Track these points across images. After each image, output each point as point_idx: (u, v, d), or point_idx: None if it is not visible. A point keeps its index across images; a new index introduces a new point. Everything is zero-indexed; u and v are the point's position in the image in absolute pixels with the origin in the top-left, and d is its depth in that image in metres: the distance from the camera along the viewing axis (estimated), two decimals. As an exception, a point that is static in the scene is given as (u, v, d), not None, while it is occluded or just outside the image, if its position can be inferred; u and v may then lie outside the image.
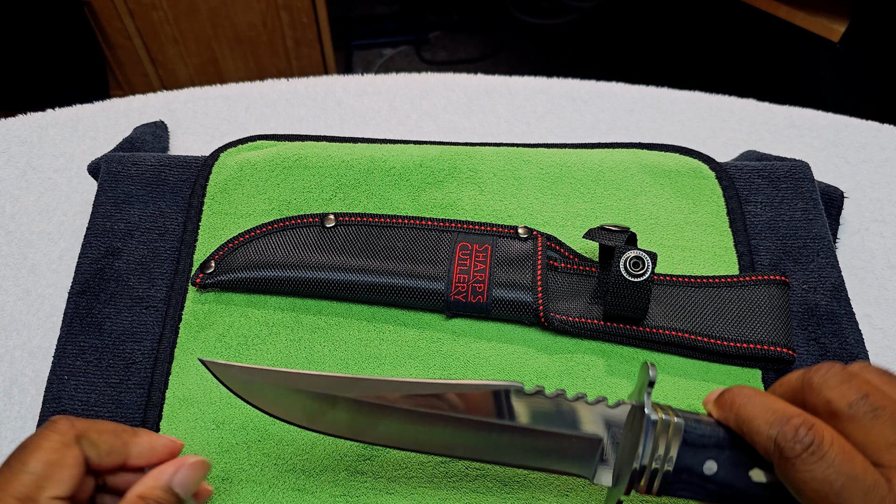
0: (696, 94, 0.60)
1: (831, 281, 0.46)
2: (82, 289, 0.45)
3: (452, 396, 0.33)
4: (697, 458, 0.31)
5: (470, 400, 0.33)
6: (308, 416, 0.33)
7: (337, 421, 0.33)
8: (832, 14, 1.06)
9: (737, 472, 0.31)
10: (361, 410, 0.33)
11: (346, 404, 0.33)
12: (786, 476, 0.28)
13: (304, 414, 0.33)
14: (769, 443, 0.28)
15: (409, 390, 0.33)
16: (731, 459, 0.31)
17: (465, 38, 1.67)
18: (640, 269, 0.41)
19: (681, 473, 0.31)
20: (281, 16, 1.22)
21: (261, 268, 0.44)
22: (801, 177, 0.49)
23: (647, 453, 0.31)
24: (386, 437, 0.33)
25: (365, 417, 0.33)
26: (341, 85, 0.61)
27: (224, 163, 0.50)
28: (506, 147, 0.51)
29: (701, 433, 0.31)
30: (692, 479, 0.31)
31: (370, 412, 0.33)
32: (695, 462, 0.31)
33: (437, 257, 0.44)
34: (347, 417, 0.33)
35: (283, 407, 0.33)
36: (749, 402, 0.30)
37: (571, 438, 0.33)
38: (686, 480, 0.31)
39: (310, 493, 0.39)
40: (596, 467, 0.33)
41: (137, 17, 1.19)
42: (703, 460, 0.31)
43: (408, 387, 0.33)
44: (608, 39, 1.64)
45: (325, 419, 0.33)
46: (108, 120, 0.59)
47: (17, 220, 0.53)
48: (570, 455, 0.33)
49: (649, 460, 0.31)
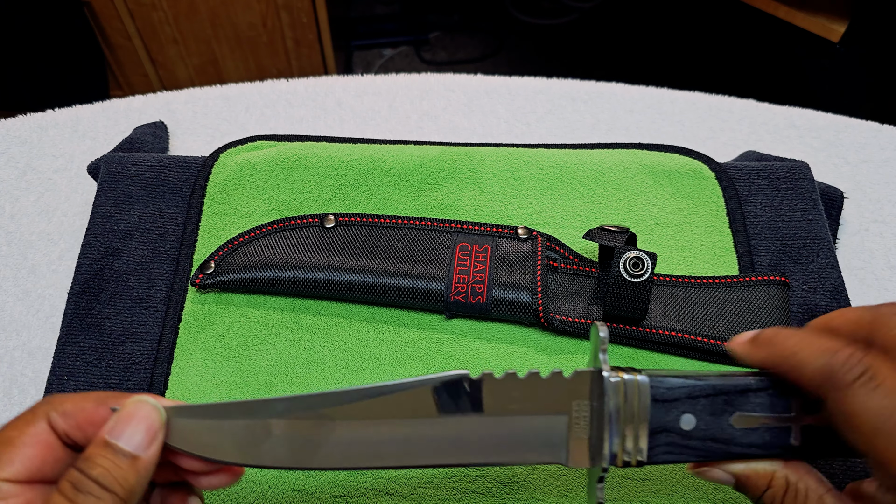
0: (695, 95, 0.60)
1: (831, 282, 0.46)
2: (82, 289, 0.45)
3: (398, 398, 0.29)
4: (672, 414, 0.29)
5: (417, 398, 0.30)
6: (241, 450, 0.29)
7: (276, 449, 0.29)
8: (832, 14, 1.06)
9: (718, 422, 0.29)
10: (299, 432, 0.29)
11: (280, 428, 0.29)
12: (837, 408, 0.26)
13: (236, 448, 0.29)
14: (818, 374, 0.27)
15: (347, 399, 0.29)
16: (709, 409, 0.29)
17: (465, 38, 1.67)
18: (640, 269, 0.41)
19: (658, 435, 0.29)
20: (281, 16, 1.22)
21: (261, 268, 0.44)
22: (801, 177, 0.49)
23: (617, 420, 0.29)
24: (330, 459, 0.30)
25: (304, 439, 0.29)
26: (341, 85, 0.61)
27: (224, 163, 0.50)
28: (506, 147, 0.51)
29: (669, 385, 0.29)
30: (672, 438, 0.29)
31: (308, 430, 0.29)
32: (670, 419, 0.29)
33: (437, 258, 0.44)
34: (285, 443, 0.29)
35: (212, 446, 0.29)
36: (794, 335, 0.29)
37: (532, 420, 0.30)
38: (666, 442, 0.29)
39: (309, 493, 0.39)
40: (568, 449, 0.30)
41: (137, 18, 1.19)
42: (678, 415, 0.29)
43: (345, 396, 0.29)
44: (608, 40, 1.64)
45: (259, 450, 0.29)
46: (108, 120, 0.59)
47: (17, 221, 0.53)
48: (536, 440, 0.30)
49: (621, 427, 0.29)
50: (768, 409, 0.30)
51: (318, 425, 0.29)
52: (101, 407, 0.29)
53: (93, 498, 0.26)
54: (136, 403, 0.28)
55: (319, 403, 0.30)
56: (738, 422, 0.29)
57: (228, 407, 0.30)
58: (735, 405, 0.29)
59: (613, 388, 0.29)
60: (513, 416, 0.30)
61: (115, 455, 0.27)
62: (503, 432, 0.30)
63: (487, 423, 0.30)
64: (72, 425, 0.29)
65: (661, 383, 0.29)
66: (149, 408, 0.28)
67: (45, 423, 0.29)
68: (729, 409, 0.29)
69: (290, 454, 0.29)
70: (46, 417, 0.29)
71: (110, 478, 0.27)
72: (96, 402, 0.29)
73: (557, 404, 0.30)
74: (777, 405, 0.30)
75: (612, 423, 0.29)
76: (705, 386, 0.30)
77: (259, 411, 0.29)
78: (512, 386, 0.30)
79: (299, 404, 0.30)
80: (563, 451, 0.30)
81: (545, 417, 0.30)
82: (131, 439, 0.27)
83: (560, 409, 0.30)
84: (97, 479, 0.26)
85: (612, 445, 0.29)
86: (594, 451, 0.30)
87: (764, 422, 0.30)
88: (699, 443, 0.29)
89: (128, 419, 0.28)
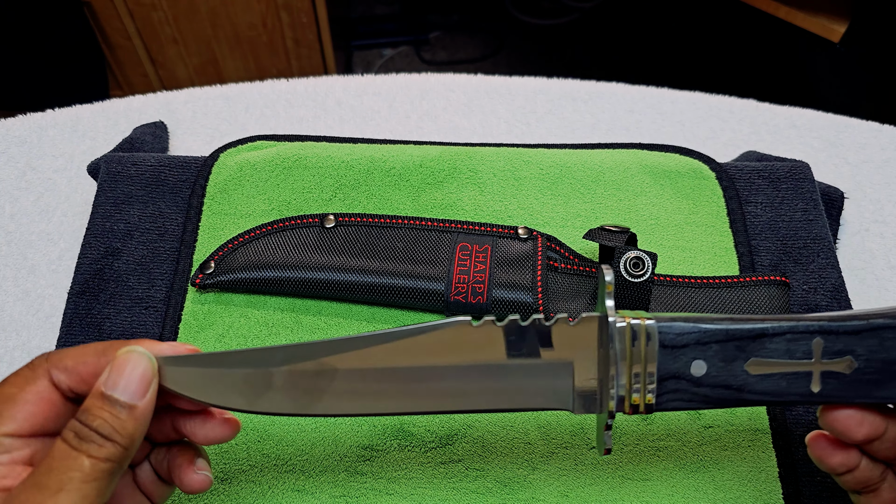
0: (696, 95, 0.60)
1: (831, 282, 0.46)
2: (82, 289, 0.45)
3: (403, 345, 0.29)
4: (681, 361, 0.28)
5: (417, 345, 0.29)
6: (247, 398, 0.30)
7: (278, 397, 0.30)
8: (832, 14, 1.06)
9: (730, 369, 0.28)
10: (301, 380, 0.29)
11: (282, 378, 0.29)
12: None
13: (242, 397, 0.30)
14: None
15: (351, 347, 0.29)
16: (721, 355, 0.28)
17: (465, 38, 1.67)
18: (641, 269, 0.41)
19: (666, 382, 0.28)
20: (281, 16, 1.22)
21: (260, 268, 0.44)
22: (802, 177, 0.49)
23: (624, 366, 0.28)
24: (332, 406, 0.30)
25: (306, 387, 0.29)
26: (341, 85, 0.61)
27: (224, 163, 0.50)
28: (506, 147, 0.51)
29: (678, 331, 0.28)
30: (681, 385, 0.28)
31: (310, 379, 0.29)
32: (679, 365, 0.28)
33: (437, 258, 0.44)
34: (287, 391, 0.29)
35: (220, 394, 0.30)
36: None
37: (538, 366, 0.29)
38: (675, 389, 0.28)
39: (309, 493, 0.39)
40: (574, 396, 0.30)
41: (137, 18, 1.19)
42: (688, 362, 0.28)
43: (348, 344, 0.29)
44: (608, 40, 1.64)
45: (264, 398, 0.30)
46: (108, 120, 0.59)
47: (17, 221, 0.53)
48: (542, 386, 0.30)
49: (628, 374, 0.28)
50: (785, 355, 0.29)
51: (318, 373, 0.29)
52: (101, 358, 0.29)
53: (95, 446, 0.27)
54: (127, 353, 0.29)
55: (320, 351, 0.29)
56: (753, 368, 0.28)
57: (228, 356, 0.30)
58: (749, 351, 0.28)
59: (619, 333, 0.28)
60: (517, 362, 0.29)
61: (112, 406, 0.28)
62: (508, 378, 0.29)
63: (491, 369, 0.29)
64: (75, 380, 0.29)
65: (670, 328, 0.28)
66: (140, 357, 0.29)
67: (46, 381, 0.29)
68: (742, 356, 0.28)
69: (292, 401, 0.30)
70: (48, 375, 0.29)
71: (109, 428, 0.27)
72: (96, 355, 0.29)
73: (563, 350, 0.29)
74: (795, 350, 0.29)
75: (618, 369, 0.28)
76: (717, 331, 0.28)
77: (260, 360, 0.30)
78: (514, 331, 0.29)
79: (299, 352, 0.30)
80: (570, 397, 0.30)
81: (551, 364, 0.29)
82: (126, 389, 0.28)
83: (566, 356, 0.29)
84: (98, 430, 0.27)
85: (618, 390, 0.28)
86: (602, 398, 0.29)
87: (781, 368, 0.29)
88: (709, 390, 0.28)
89: (120, 370, 0.28)
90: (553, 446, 0.40)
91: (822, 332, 0.29)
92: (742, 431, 0.40)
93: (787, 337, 0.29)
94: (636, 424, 0.40)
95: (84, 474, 0.26)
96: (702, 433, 0.40)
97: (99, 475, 0.27)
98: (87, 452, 0.27)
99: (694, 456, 0.40)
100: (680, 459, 0.39)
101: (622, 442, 0.40)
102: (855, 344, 0.29)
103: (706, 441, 0.40)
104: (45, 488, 0.26)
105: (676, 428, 0.40)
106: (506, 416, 0.41)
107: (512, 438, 0.40)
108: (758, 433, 0.40)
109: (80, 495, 0.26)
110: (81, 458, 0.27)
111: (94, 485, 0.27)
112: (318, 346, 0.30)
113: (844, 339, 0.29)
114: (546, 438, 0.40)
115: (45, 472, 0.26)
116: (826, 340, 0.29)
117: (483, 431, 0.40)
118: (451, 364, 0.29)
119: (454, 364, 0.29)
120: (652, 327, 0.28)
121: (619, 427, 0.40)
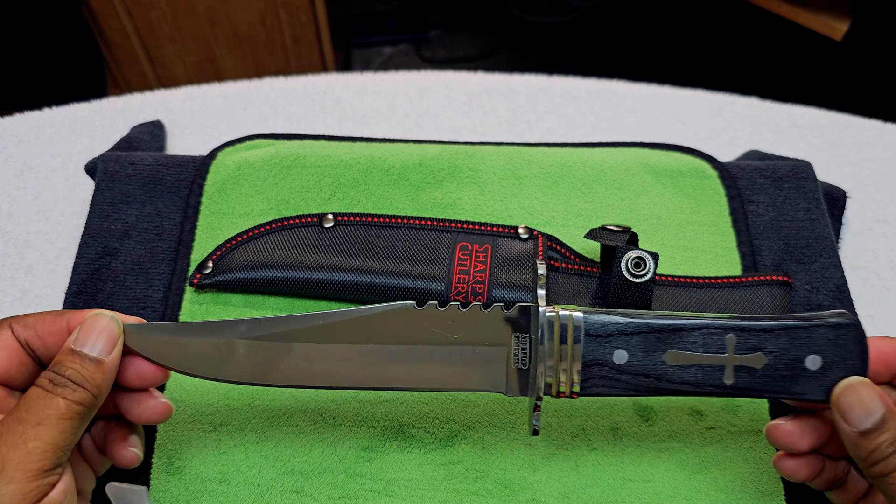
0: (698, 93, 0.60)
1: (834, 281, 0.45)
2: (79, 289, 0.45)
3: (353, 324, 0.32)
4: (605, 349, 0.31)
5: (366, 324, 0.32)
6: (208, 365, 0.33)
7: (238, 366, 0.33)
8: (834, 13, 1.05)
9: (651, 359, 0.31)
10: (260, 351, 0.33)
11: (244, 347, 0.33)
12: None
13: (204, 364, 0.33)
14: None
15: (306, 324, 0.33)
16: (642, 345, 0.31)
17: (465, 36, 1.67)
18: (642, 269, 0.40)
19: (591, 368, 0.31)
20: (280, 14, 1.22)
21: (259, 268, 0.44)
22: (804, 176, 0.49)
23: (551, 352, 0.31)
24: (287, 377, 0.33)
25: (264, 358, 0.33)
26: (340, 83, 0.60)
27: (222, 162, 0.49)
28: (506, 146, 0.51)
29: (603, 322, 0.31)
30: (604, 372, 0.31)
31: (269, 351, 0.33)
32: (603, 353, 0.31)
33: (437, 257, 0.44)
34: (247, 361, 0.33)
35: (183, 360, 0.33)
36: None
37: (474, 350, 0.32)
38: (599, 375, 0.31)
39: (308, 494, 0.38)
40: (507, 379, 0.33)
41: (135, 16, 1.19)
42: (611, 350, 0.31)
43: (304, 321, 0.33)
44: (609, 38, 1.64)
45: (225, 366, 0.33)
46: (106, 119, 0.58)
47: (14, 220, 0.52)
48: (478, 369, 0.33)
49: (556, 359, 0.31)
50: (701, 348, 0.31)
51: (277, 346, 0.33)
52: (58, 318, 0.33)
53: (69, 390, 0.30)
54: (95, 316, 0.33)
55: (279, 326, 0.33)
56: (671, 359, 0.31)
57: (194, 326, 0.33)
58: (668, 343, 0.31)
59: (548, 321, 0.31)
60: (456, 346, 0.32)
61: (81, 360, 0.31)
62: (446, 361, 0.32)
63: (431, 351, 0.32)
64: (32, 335, 0.33)
65: (595, 319, 0.31)
66: (107, 319, 0.33)
67: (9, 332, 0.33)
68: (661, 347, 0.31)
69: (251, 371, 0.33)
70: (9, 327, 0.33)
71: (80, 377, 0.31)
72: (53, 315, 0.33)
73: (498, 336, 0.32)
74: (710, 345, 0.32)
75: (545, 355, 0.31)
76: (639, 324, 0.31)
77: (223, 331, 0.33)
78: (455, 317, 0.32)
79: (260, 326, 0.33)
80: (503, 380, 0.33)
81: (486, 348, 0.32)
82: (94, 346, 0.32)
83: (500, 342, 0.32)
84: (70, 378, 0.31)
85: (545, 376, 0.31)
86: (532, 382, 0.32)
87: (697, 360, 0.31)
88: (631, 377, 0.31)
89: (89, 330, 0.32)
90: (554, 447, 0.40)
91: (736, 329, 0.32)
92: (744, 433, 0.40)
93: (703, 332, 0.32)
94: (637, 425, 0.40)
95: (60, 412, 0.30)
96: (704, 435, 0.40)
97: (72, 415, 0.30)
98: (61, 395, 0.30)
99: (696, 457, 0.39)
100: (682, 461, 0.39)
101: (623, 443, 0.40)
102: (766, 341, 0.32)
103: (708, 442, 0.40)
104: (24, 421, 0.29)
105: (678, 429, 0.40)
106: (507, 418, 0.40)
107: (512, 440, 0.40)
108: (760, 435, 0.40)
109: (57, 430, 0.29)
110: (57, 399, 0.30)
111: (69, 422, 0.30)
112: (277, 321, 0.33)
113: (757, 336, 0.32)
114: (547, 440, 0.40)
115: (24, 409, 0.30)
116: (739, 337, 0.31)
117: (483, 432, 0.40)
118: (393, 344, 0.32)
119: (397, 344, 0.33)
120: (578, 318, 0.31)
121: (620, 428, 0.40)
